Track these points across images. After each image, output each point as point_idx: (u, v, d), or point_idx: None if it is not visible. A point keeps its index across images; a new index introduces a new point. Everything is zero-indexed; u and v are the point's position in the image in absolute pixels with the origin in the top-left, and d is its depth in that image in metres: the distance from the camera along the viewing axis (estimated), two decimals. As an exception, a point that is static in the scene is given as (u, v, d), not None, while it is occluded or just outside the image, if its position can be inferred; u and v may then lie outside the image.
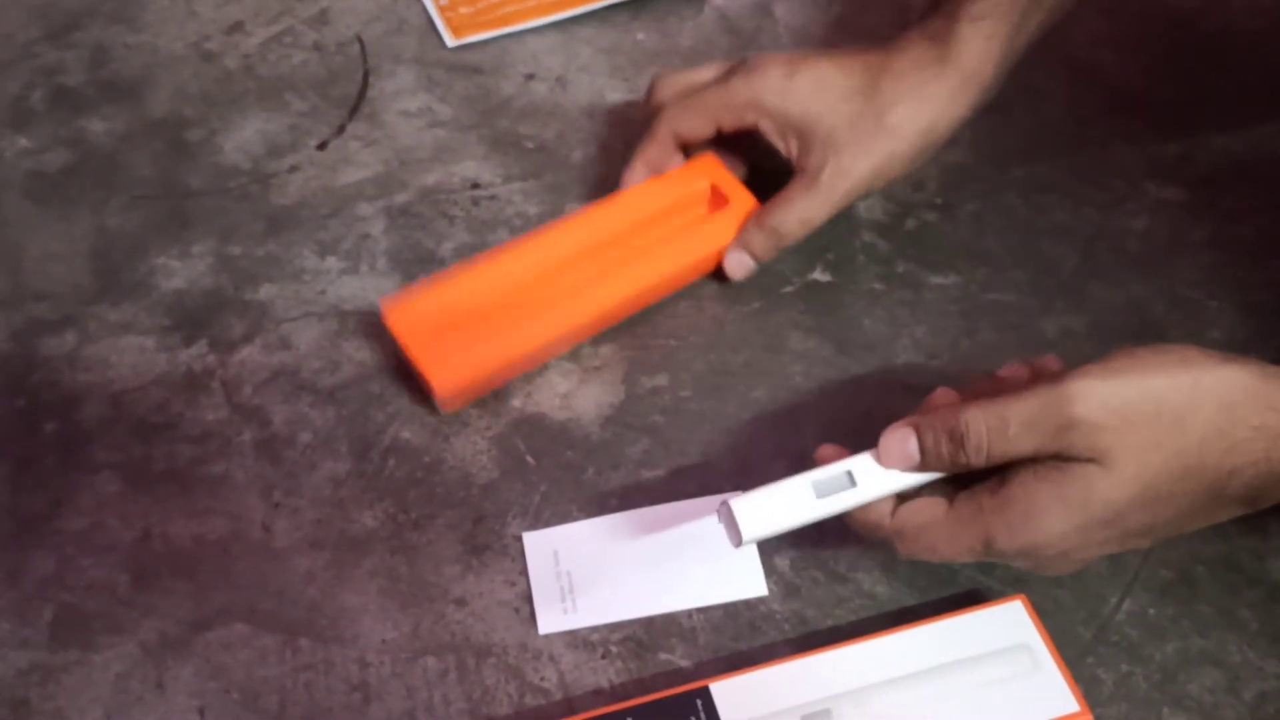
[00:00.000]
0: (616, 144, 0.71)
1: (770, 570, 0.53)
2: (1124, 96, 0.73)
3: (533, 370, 0.60)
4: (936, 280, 0.64)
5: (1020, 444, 0.45)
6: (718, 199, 0.64)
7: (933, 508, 0.47)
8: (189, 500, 0.55)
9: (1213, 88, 0.73)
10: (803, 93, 0.60)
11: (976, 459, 0.45)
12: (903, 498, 0.48)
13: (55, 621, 0.52)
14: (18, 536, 0.54)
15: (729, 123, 0.62)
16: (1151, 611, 0.51)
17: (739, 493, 0.48)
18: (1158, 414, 0.43)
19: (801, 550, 0.54)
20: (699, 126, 0.62)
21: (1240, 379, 0.44)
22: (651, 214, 0.63)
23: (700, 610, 0.52)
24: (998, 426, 0.45)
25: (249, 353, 0.61)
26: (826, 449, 0.50)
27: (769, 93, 0.60)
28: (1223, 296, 0.63)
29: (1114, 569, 0.53)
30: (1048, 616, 0.51)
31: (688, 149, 0.64)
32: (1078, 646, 0.50)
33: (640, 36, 0.78)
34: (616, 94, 0.74)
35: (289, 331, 0.62)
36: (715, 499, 0.55)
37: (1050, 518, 0.44)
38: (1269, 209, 0.66)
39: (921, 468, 0.47)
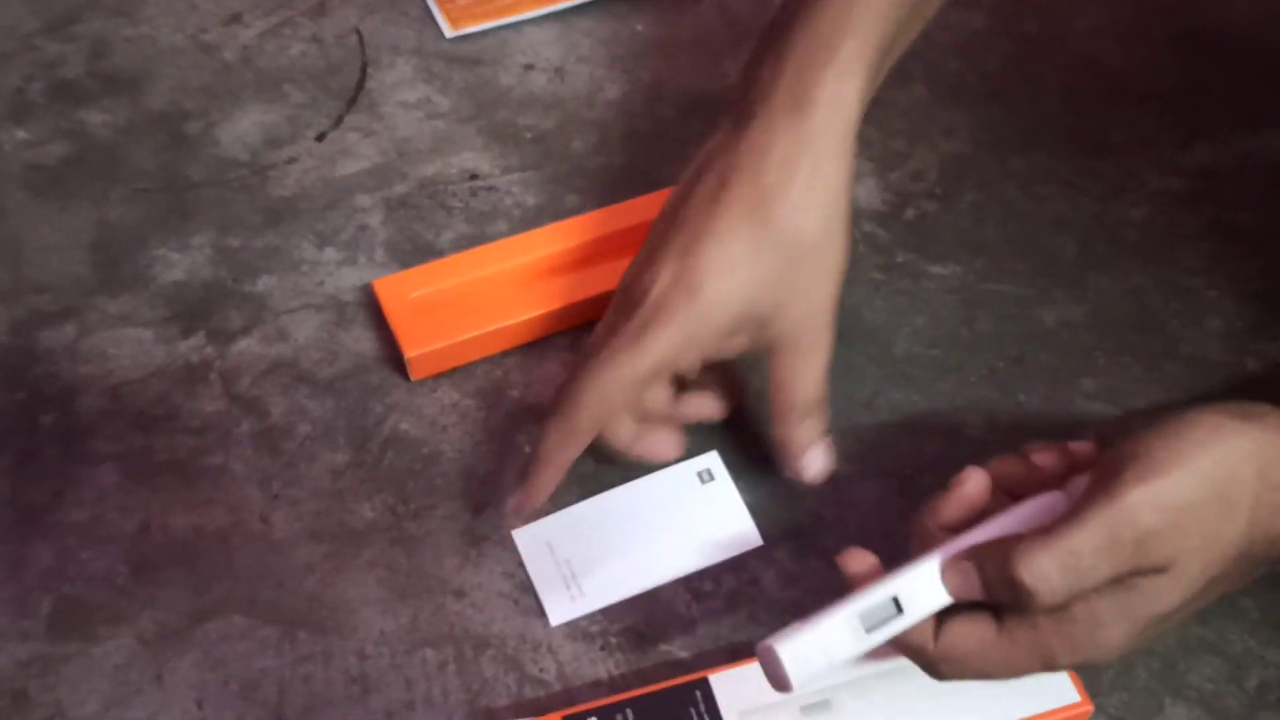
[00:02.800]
0: (615, 135, 0.71)
1: (769, 560, 0.53)
2: (1123, 87, 0.73)
3: (513, 348, 0.60)
4: (936, 270, 0.64)
5: (1098, 574, 0.40)
6: None
7: (981, 630, 0.42)
8: (188, 492, 0.55)
9: (1212, 78, 0.73)
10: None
11: (1049, 602, 0.40)
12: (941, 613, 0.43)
13: (54, 613, 0.52)
14: (17, 528, 0.54)
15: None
16: (1151, 601, 0.51)
17: (778, 634, 0.43)
18: (1209, 500, 0.40)
19: (801, 540, 0.54)
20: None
21: (1268, 439, 0.41)
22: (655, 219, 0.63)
23: (700, 600, 0.52)
24: (1071, 564, 0.40)
25: (247, 344, 0.61)
26: (856, 563, 0.44)
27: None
28: (1222, 286, 0.62)
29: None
30: (1047, 606, 0.51)
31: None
32: (1077, 636, 0.50)
33: (639, 27, 0.77)
34: (615, 85, 0.74)
35: (287, 323, 0.62)
36: (689, 465, 0.55)
37: (1115, 631, 0.41)
38: (1268, 198, 0.66)
39: (984, 596, 0.42)
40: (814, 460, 0.53)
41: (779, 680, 0.42)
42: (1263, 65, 0.74)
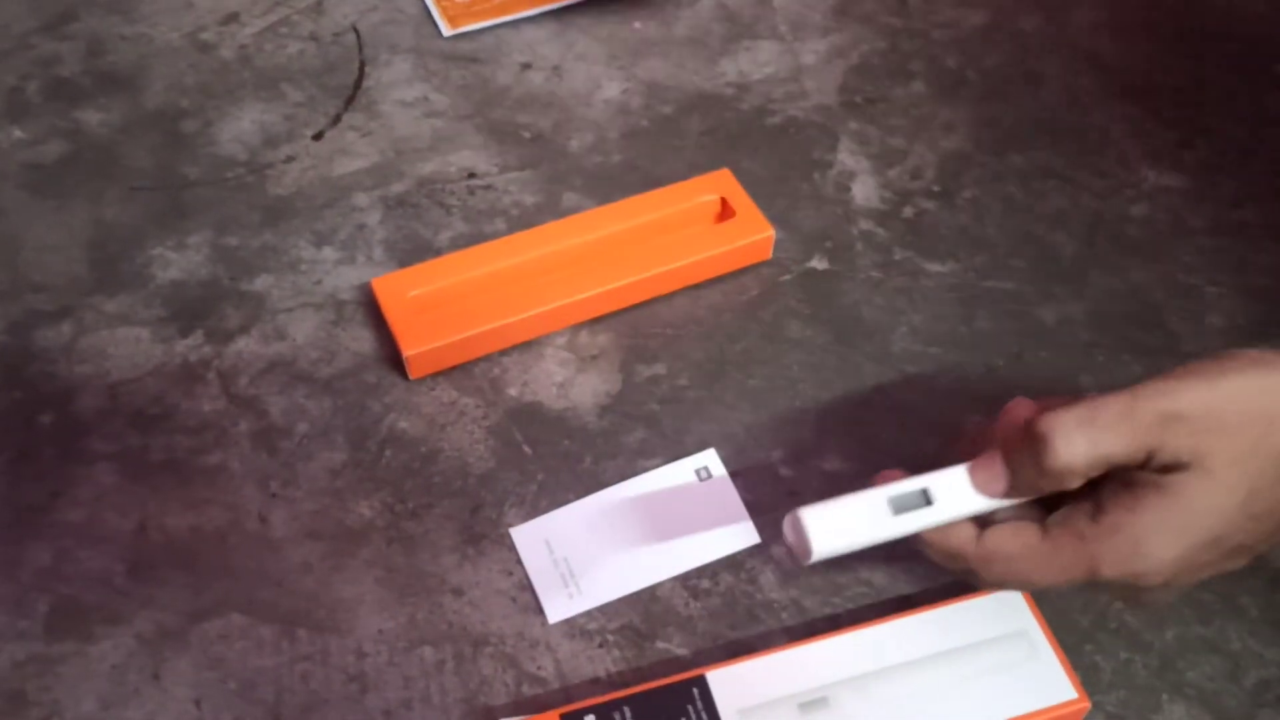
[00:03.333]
0: (613, 133, 0.71)
1: (767, 559, 0.53)
2: (1123, 83, 0.72)
3: (511, 346, 0.60)
4: (935, 268, 0.63)
5: (1112, 441, 0.40)
6: (726, 212, 0.64)
7: (1024, 534, 0.43)
8: (186, 491, 0.55)
9: (1212, 73, 0.73)
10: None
11: (1065, 457, 0.41)
12: (982, 522, 0.44)
13: (52, 613, 0.52)
14: (14, 528, 0.54)
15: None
16: (1150, 598, 0.51)
17: (807, 505, 0.44)
18: (1251, 416, 0.40)
19: (799, 538, 0.53)
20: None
21: None
22: (657, 219, 0.63)
23: (698, 598, 0.52)
24: (1088, 418, 0.41)
25: (245, 343, 0.61)
26: (888, 473, 0.46)
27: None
28: (1222, 282, 0.62)
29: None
30: (1046, 604, 0.50)
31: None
32: (1076, 633, 0.50)
33: (637, 25, 0.77)
34: (613, 83, 0.74)
35: (285, 322, 0.62)
36: (687, 463, 0.55)
37: (1158, 542, 0.41)
38: (1268, 195, 0.66)
39: (1010, 489, 0.43)
40: None
41: (802, 546, 0.43)
42: (1263, 60, 0.74)
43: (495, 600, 0.52)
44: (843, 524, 0.43)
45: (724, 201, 0.64)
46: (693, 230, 0.63)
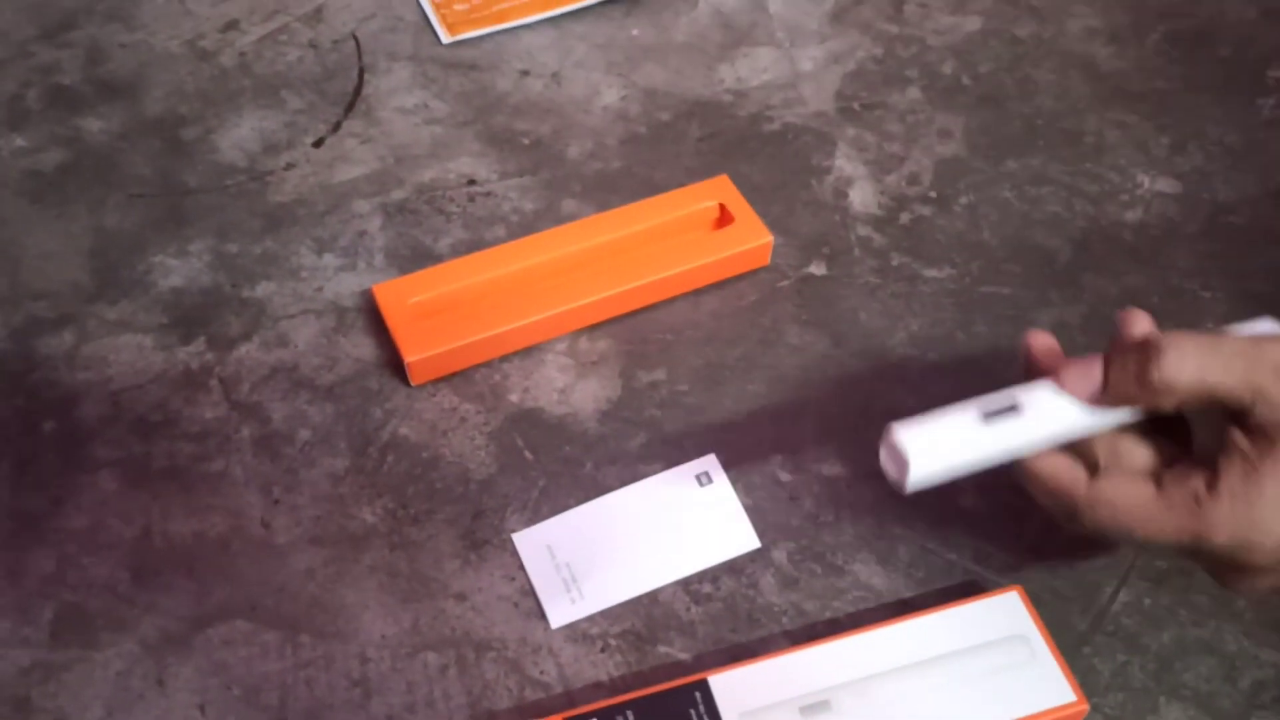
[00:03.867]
0: (612, 140, 0.71)
1: (768, 563, 0.53)
2: (1117, 88, 0.73)
3: (512, 353, 0.60)
4: (931, 273, 0.64)
5: (1222, 372, 0.41)
6: (724, 219, 0.64)
7: (1138, 485, 0.43)
8: (189, 497, 0.56)
9: (1205, 78, 0.73)
10: None
11: (1171, 373, 0.41)
12: (1092, 470, 0.45)
13: (56, 620, 0.52)
14: (18, 535, 0.55)
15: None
16: (1147, 601, 0.52)
17: (901, 422, 0.44)
18: None
19: (799, 542, 0.54)
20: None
21: None
22: (656, 226, 0.64)
23: (699, 602, 0.52)
24: (1207, 344, 0.41)
25: (247, 350, 0.61)
26: (1038, 337, 0.46)
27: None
28: (1217, 286, 0.63)
29: (1109, 559, 0.53)
30: (1044, 607, 0.51)
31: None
32: (1074, 636, 0.51)
33: (635, 32, 0.78)
34: (612, 90, 0.74)
35: (287, 329, 0.62)
36: (687, 468, 0.56)
37: (1277, 514, 0.41)
38: (1262, 198, 0.67)
39: (1103, 395, 0.43)
40: None
41: (899, 462, 0.43)
42: (1255, 65, 0.74)
43: (498, 605, 0.52)
44: (939, 442, 0.43)
45: (723, 208, 0.64)
46: (692, 236, 0.64)
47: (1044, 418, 0.44)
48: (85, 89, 0.74)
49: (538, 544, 0.54)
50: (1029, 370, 0.47)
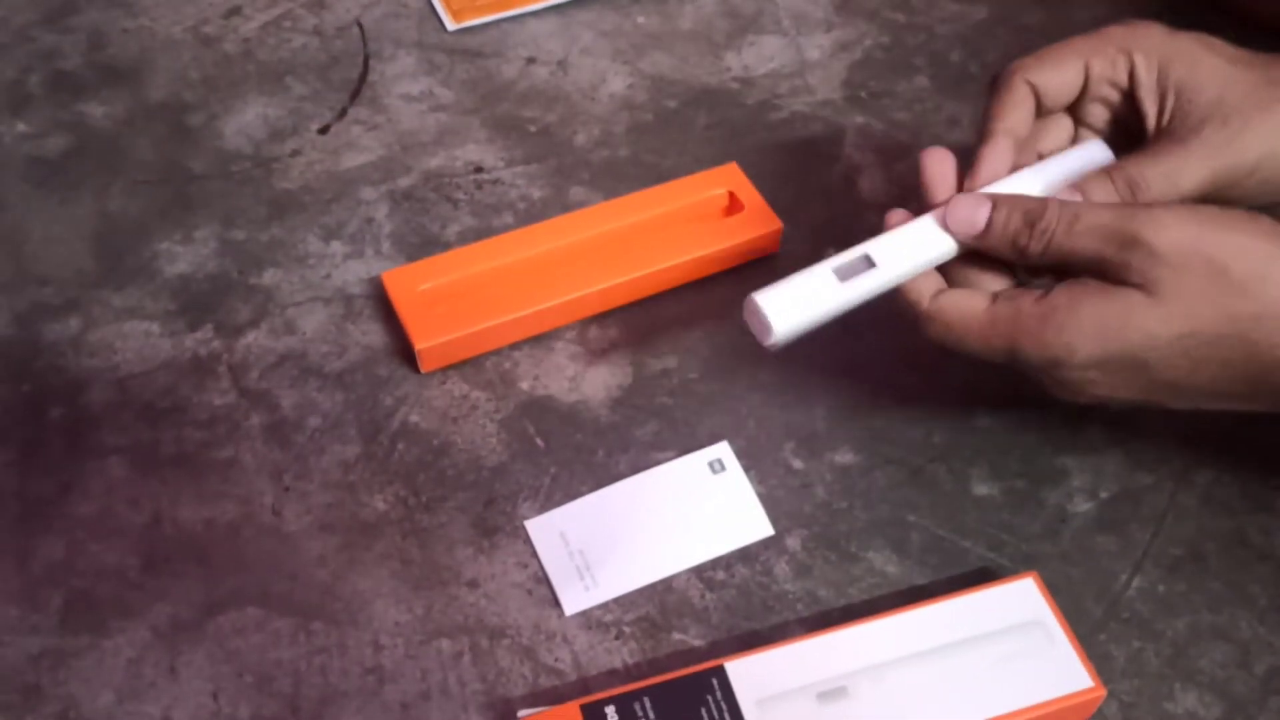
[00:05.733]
0: (619, 127, 0.71)
1: (782, 550, 0.53)
2: (1125, 78, 0.73)
3: (521, 340, 0.60)
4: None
5: (1082, 242, 0.45)
6: (734, 206, 0.64)
7: (972, 301, 0.47)
8: (198, 484, 0.55)
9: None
10: (1188, 51, 0.51)
11: (1038, 244, 0.46)
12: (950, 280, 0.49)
13: (65, 606, 0.52)
14: (26, 522, 0.54)
15: (1099, 67, 0.52)
16: (1162, 588, 0.52)
17: (760, 289, 0.47)
18: (1224, 270, 0.43)
19: (812, 530, 0.54)
20: (1064, 75, 0.52)
21: None
22: (665, 213, 0.63)
23: (713, 589, 0.52)
24: (1068, 219, 0.45)
25: (255, 337, 0.61)
26: (895, 214, 0.50)
27: (1152, 39, 0.52)
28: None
29: (1124, 546, 0.53)
30: (1059, 593, 0.51)
31: (1042, 113, 0.53)
32: (1089, 623, 0.51)
33: (641, 20, 0.77)
34: (618, 77, 0.74)
35: (295, 316, 0.62)
36: (699, 456, 0.56)
37: (1085, 336, 0.44)
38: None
39: (981, 240, 0.48)
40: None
41: (763, 330, 0.47)
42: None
43: (511, 593, 0.52)
44: (795, 301, 0.47)
45: (732, 195, 0.64)
46: (701, 224, 0.64)
47: (896, 268, 0.48)
48: (88, 74, 0.74)
49: (551, 531, 0.54)
50: (923, 187, 0.51)
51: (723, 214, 0.65)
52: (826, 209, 0.66)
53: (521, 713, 0.48)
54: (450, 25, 0.77)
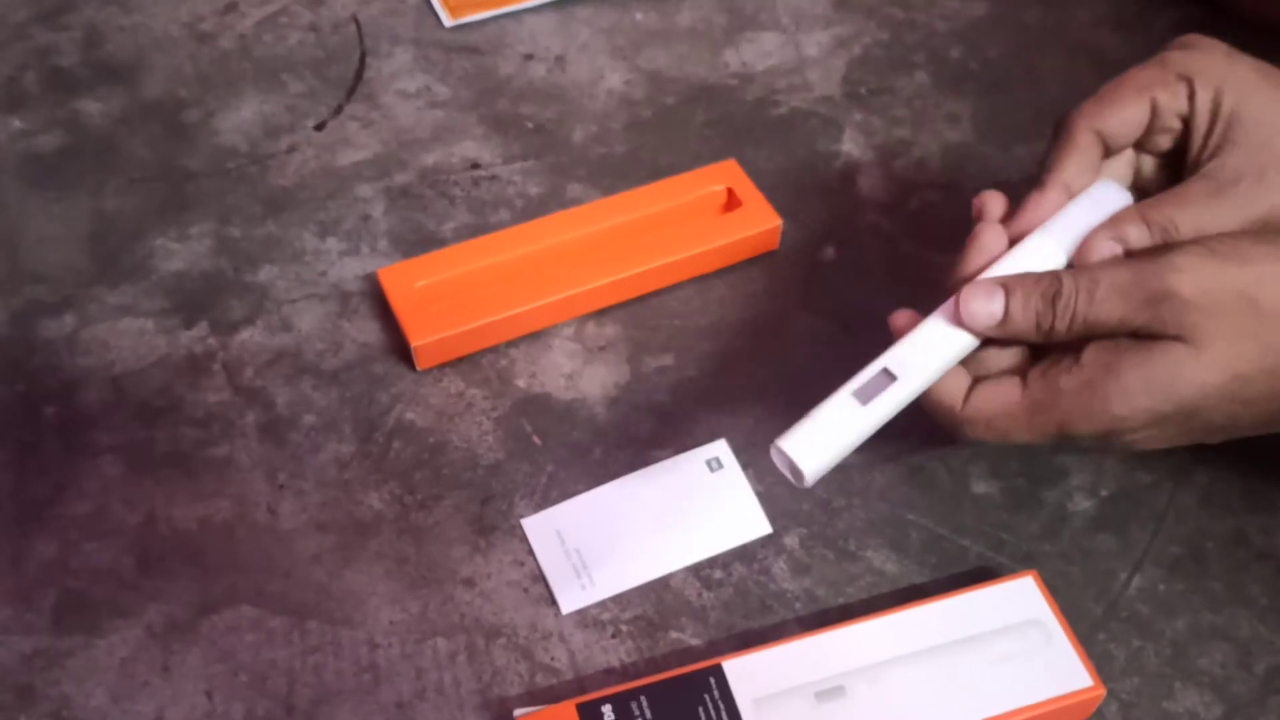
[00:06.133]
0: (617, 124, 0.71)
1: (780, 549, 0.53)
2: (1125, 75, 0.73)
3: (518, 338, 0.60)
4: (941, 260, 0.63)
5: (1108, 309, 0.43)
6: (732, 203, 0.64)
7: (1006, 392, 0.45)
8: (193, 483, 0.55)
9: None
10: (1245, 80, 0.48)
11: (1063, 321, 0.44)
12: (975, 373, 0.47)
13: (59, 606, 0.51)
14: (20, 521, 0.54)
15: (1164, 99, 0.48)
16: (1161, 587, 0.52)
17: (784, 434, 0.45)
18: (1254, 304, 0.42)
19: (811, 529, 0.53)
20: (1130, 116, 0.49)
21: None
22: (663, 210, 0.63)
23: (711, 588, 0.52)
24: (1088, 288, 0.43)
25: (250, 335, 0.60)
26: (900, 316, 0.48)
27: (1213, 65, 0.48)
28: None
29: (1123, 545, 0.53)
30: (1058, 593, 0.51)
31: (1108, 156, 0.51)
32: (1089, 622, 0.50)
33: (639, 16, 0.77)
34: (616, 74, 0.74)
35: (290, 313, 0.61)
36: (697, 453, 0.56)
37: (1135, 401, 0.43)
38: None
39: (1002, 330, 0.45)
40: (1111, 252, 0.47)
41: (796, 475, 0.44)
42: (1264, 52, 0.74)
43: (507, 591, 0.52)
44: (823, 439, 0.44)
45: (730, 192, 0.64)
46: (699, 221, 0.63)
47: (918, 377, 0.45)
48: (83, 72, 0.74)
49: (547, 529, 0.53)
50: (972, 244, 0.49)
51: (721, 211, 0.64)
52: (825, 206, 0.66)
53: (517, 712, 0.48)
54: (447, 21, 0.76)
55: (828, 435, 0.44)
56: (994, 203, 0.50)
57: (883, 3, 0.77)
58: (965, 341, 0.45)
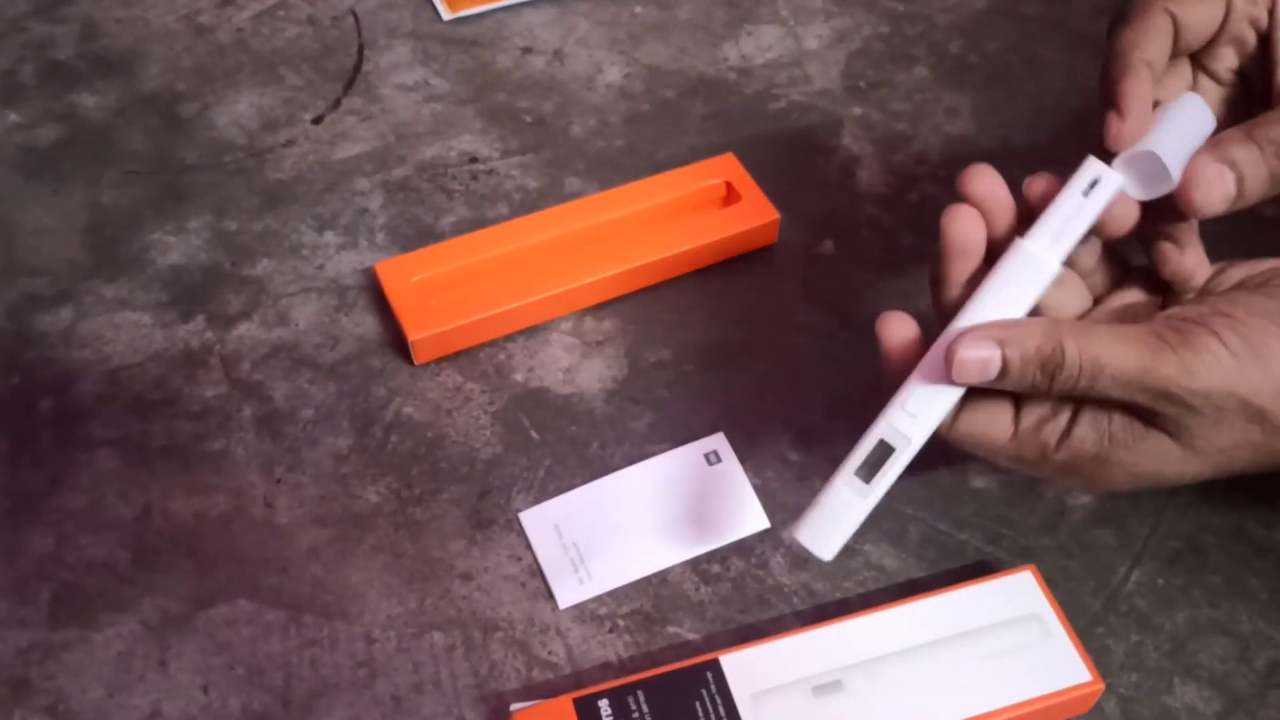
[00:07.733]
0: (615, 118, 0.70)
1: (778, 543, 0.53)
2: (1125, 68, 0.72)
3: (516, 332, 0.60)
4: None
5: (1108, 391, 0.41)
6: (731, 197, 0.64)
7: (996, 425, 0.44)
8: (189, 477, 0.55)
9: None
10: None
11: (1059, 391, 0.41)
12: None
13: (54, 600, 0.51)
14: (15, 515, 0.54)
15: (1241, 2, 0.44)
16: (1161, 581, 0.51)
17: (795, 522, 0.45)
18: (1262, 415, 0.40)
19: (809, 523, 0.53)
20: (1206, 5, 0.45)
21: None
22: (661, 204, 0.63)
23: (708, 582, 0.51)
24: (1090, 371, 0.40)
25: (247, 328, 0.60)
26: (891, 339, 0.46)
27: None
28: (1227, 267, 0.62)
29: (1122, 539, 0.53)
30: (1057, 587, 0.51)
31: (1176, 52, 0.46)
32: (1087, 617, 0.50)
33: (638, 10, 0.77)
34: (615, 67, 0.73)
35: (287, 307, 0.61)
36: (698, 445, 0.56)
37: (1118, 483, 0.43)
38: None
39: (995, 384, 0.42)
40: (1222, 180, 0.43)
41: (816, 558, 0.45)
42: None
43: (504, 585, 0.52)
44: (833, 522, 0.45)
45: (729, 185, 0.64)
46: (698, 215, 0.63)
47: (915, 442, 0.44)
48: (80, 65, 0.73)
49: (545, 523, 0.53)
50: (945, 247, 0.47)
51: (720, 205, 0.64)
52: (824, 200, 0.66)
53: (514, 706, 0.47)
54: (445, 15, 0.76)
55: (838, 519, 0.45)
56: (992, 193, 0.49)
57: (882, -4, 0.77)
58: (956, 396, 0.44)
